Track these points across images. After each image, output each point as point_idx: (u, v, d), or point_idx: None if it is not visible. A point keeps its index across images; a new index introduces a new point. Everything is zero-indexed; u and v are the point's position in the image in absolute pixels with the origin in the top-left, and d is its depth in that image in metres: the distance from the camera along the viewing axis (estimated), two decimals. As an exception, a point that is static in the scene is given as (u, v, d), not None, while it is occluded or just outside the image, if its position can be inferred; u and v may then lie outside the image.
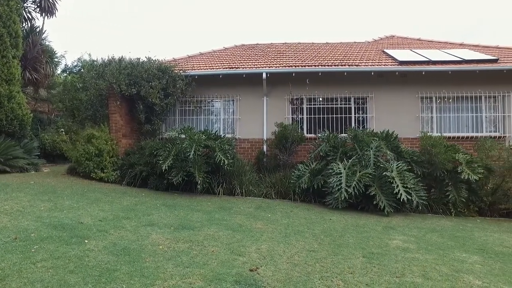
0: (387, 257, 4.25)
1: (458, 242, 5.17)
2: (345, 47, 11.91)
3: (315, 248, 4.46)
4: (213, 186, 7.79)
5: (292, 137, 8.51)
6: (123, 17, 50.49)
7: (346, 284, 3.41)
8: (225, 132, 9.74)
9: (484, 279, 3.73)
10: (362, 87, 9.39)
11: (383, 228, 5.74)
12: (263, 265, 3.76)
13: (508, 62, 9.23)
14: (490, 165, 7.57)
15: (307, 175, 7.48)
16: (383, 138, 7.75)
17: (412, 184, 6.78)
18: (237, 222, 5.52)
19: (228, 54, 11.44)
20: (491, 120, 9.45)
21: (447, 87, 9.27)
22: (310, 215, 6.37)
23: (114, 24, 49.02)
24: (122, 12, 49.55)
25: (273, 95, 9.57)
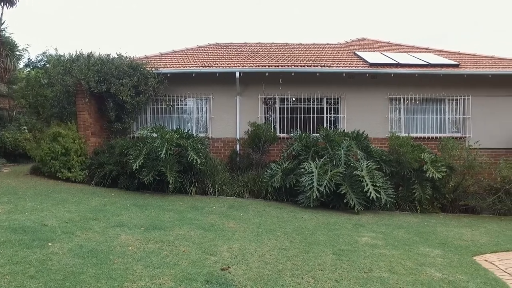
0: (356, 253, 4.36)
1: (422, 237, 5.40)
2: (318, 48, 12.11)
3: (287, 246, 4.51)
4: (185, 185, 7.70)
5: (265, 136, 8.56)
6: (93, 12, 48.86)
7: (316, 281, 3.48)
8: (198, 131, 9.65)
9: (444, 271, 3.92)
10: (334, 88, 9.58)
11: (353, 225, 5.89)
12: (235, 264, 3.76)
13: (468, 67, 9.73)
14: (452, 164, 7.96)
15: (280, 174, 7.55)
16: (353, 138, 7.96)
17: (381, 182, 7.01)
18: (209, 221, 5.49)
19: (202, 53, 11.34)
20: (453, 122, 9.93)
21: (414, 89, 9.63)
22: (282, 214, 6.44)
23: (82, 18, 47.31)
24: (92, 6, 47.95)
25: (246, 94, 9.58)
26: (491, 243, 5.27)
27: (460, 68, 9.59)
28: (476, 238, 5.54)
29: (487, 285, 3.61)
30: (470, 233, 5.82)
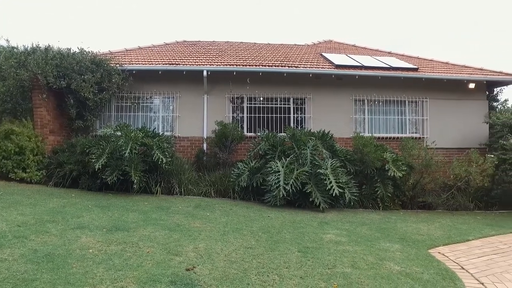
0: (321, 250, 4.46)
1: (383, 233, 5.62)
2: (285, 49, 12.26)
3: (253, 245, 4.53)
4: (151, 185, 7.51)
5: (232, 135, 8.54)
6: (52, 5, 46.33)
7: (282, 278, 3.52)
8: (164, 130, 9.46)
9: (402, 264, 4.11)
10: (301, 88, 9.74)
11: (318, 223, 6.02)
12: (200, 264, 3.72)
13: (426, 71, 10.26)
14: (411, 163, 8.35)
15: (247, 173, 7.57)
16: (319, 137, 8.13)
17: (344, 180, 7.21)
18: (175, 221, 5.39)
19: (169, 50, 11.12)
20: (413, 123, 10.43)
21: (377, 91, 10.01)
22: (249, 213, 6.46)
23: (39, 9, 44.77)
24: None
25: (213, 93, 9.51)
26: (444, 237, 5.60)
27: (419, 72, 10.08)
28: (431, 232, 5.85)
29: (439, 275, 3.83)
30: (426, 228, 6.14)
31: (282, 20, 51.47)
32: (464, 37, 47.50)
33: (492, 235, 5.88)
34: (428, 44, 46.76)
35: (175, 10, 49.50)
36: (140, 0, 46.28)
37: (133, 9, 47.67)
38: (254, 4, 49.44)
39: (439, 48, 46.05)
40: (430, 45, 46.53)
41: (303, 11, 49.58)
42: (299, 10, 49.36)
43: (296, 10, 49.49)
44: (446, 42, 47.39)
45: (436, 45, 46.76)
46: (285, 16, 51.27)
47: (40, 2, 43.32)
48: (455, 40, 47.73)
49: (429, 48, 45.72)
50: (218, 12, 50.79)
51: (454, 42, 47.38)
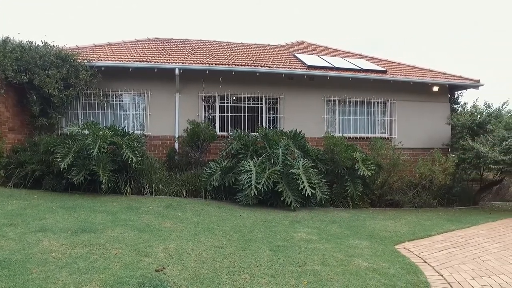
0: (291, 249, 4.51)
1: (353, 231, 5.76)
2: (258, 49, 12.29)
3: (224, 244, 4.51)
4: (120, 185, 7.31)
5: (204, 134, 8.46)
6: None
7: (252, 277, 3.52)
8: (134, 128, 9.22)
9: (370, 260, 4.23)
10: (273, 88, 9.81)
11: (290, 222, 6.08)
12: (170, 265, 3.66)
13: (394, 74, 10.63)
14: (380, 162, 8.63)
15: (219, 172, 7.53)
16: (291, 137, 8.22)
17: (316, 180, 7.33)
18: (145, 222, 5.27)
19: (140, 47, 10.85)
20: (382, 123, 10.77)
21: (348, 92, 10.25)
22: (221, 212, 6.42)
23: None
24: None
25: (186, 91, 9.38)
26: (409, 233, 5.82)
27: (387, 75, 10.42)
28: (397, 229, 6.07)
29: (403, 269, 3.98)
30: (393, 225, 6.35)
31: (256, 21, 51.62)
32: (431, 41, 49.61)
33: (452, 230, 6.18)
34: (397, 47, 48.47)
35: (147, 7, 48.39)
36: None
37: (102, 4, 46.15)
38: (229, 3, 49.27)
39: (407, 52, 47.87)
40: (399, 49, 48.27)
41: (278, 12, 49.97)
42: (275, 11, 49.72)
43: (272, 11, 49.82)
44: (414, 46, 49.31)
45: (404, 49, 48.57)
46: (260, 17, 51.46)
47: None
48: (423, 43, 49.77)
49: (398, 52, 47.44)
50: (192, 11, 50.19)
51: (421, 46, 49.39)
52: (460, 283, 3.71)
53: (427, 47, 48.41)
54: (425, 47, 48.54)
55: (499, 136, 8.42)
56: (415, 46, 48.91)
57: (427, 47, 48.39)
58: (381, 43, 49.15)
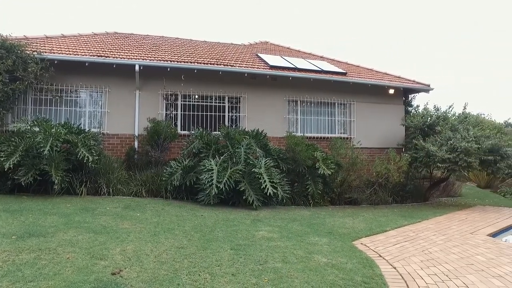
0: (253, 247, 4.53)
1: (313, 228, 5.90)
2: (222, 48, 12.22)
3: (185, 244, 4.44)
4: (75, 185, 6.95)
5: (165, 133, 8.26)
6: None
7: (213, 277, 3.49)
8: (91, 126, 8.79)
9: (329, 256, 4.36)
10: (236, 87, 9.79)
11: (251, 221, 6.11)
12: (128, 267, 3.54)
13: (353, 76, 11.02)
14: (339, 161, 8.90)
15: (180, 172, 7.39)
16: (253, 136, 8.25)
17: (278, 179, 7.41)
18: (101, 223, 5.05)
19: (98, 41, 10.37)
20: (341, 124, 11.13)
21: (309, 92, 10.48)
22: (182, 212, 6.31)
23: None
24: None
25: (146, 89, 9.11)
26: (366, 229, 6.07)
27: (347, 77, 10.78)
28: (355, 225, 6.30)
29: (360, 264, 4.14)
30: (351, 222, 6.59)
31: (221, 20, 51.27)
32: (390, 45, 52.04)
33: (405, 225, 6.53)
34: (357, 51, 50.35)
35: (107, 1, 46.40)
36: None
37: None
38: (195, 2, 48.50)
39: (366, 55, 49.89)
40: (359, 53, 50.17)
41: (243, 12, 49.94)
42: (240, 11, 49.63)
43: (237, 11, 49.70)
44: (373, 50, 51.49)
45: (364, 52, 50.55)
46: (226, 16, 51.17)
47: None
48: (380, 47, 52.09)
49: (357, 55, 49.30)
50: (157, 8, 48.83)
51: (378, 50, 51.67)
52: (410, 273, 3.93)
53: (387, 51, 50.74)
54: (384, 50, 50.86)
55: (446, 137, 9.01)
56: (374, 50, 51.13)
57: (387, 51, 50.74)
58: (342, 47, 50.79)
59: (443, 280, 3.75)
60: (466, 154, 8.41)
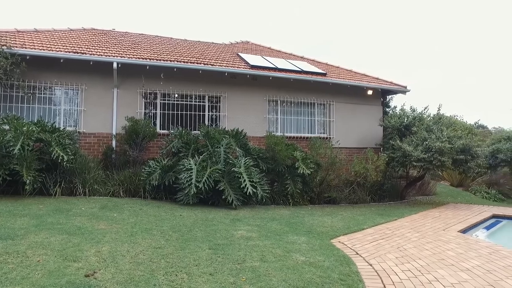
0: (231, 246, 4.51)
1: (292, 227, 5.94)
2: (202, 46, 12.13)
3: (162, 244, 4.38)
4: (49, 186, 6.73)
5: (143, 132, 8.12)
6: None
7: (190, 277, 3.46)
8: (67, 124, 8.53)
9: (307, 255, 4.39)
10: (216, 87, 9.74)
11: (230, 220, 6.09)
12: (103, 268, 3.45)
13: (333, 77, 11.17)
14: (319, 161, 9.00)
15: (158, 171, 7.29)
16: (233, 136, 8.24)
17: (257, 178, 7.42)
18: (76, 224, 4.92)
19: (74, 37, 10.07)
20: (321, 124, 11.26)
21: (289, 92, 10.55)
22: (160, 212, 6.23)
23: None
24: None
25: (124, 87, 8.93)
26: (344, 227, 6.16)
27: (327, 77, 10.91)
28: (334, 224, 6.39)
29: (337, 262, 4.20)
30: (330, 221, 6.67)
31: (203, 19, 50.89)
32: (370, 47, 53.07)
33: (382, 223, 6.67)
34: (339, 51, 51.07)
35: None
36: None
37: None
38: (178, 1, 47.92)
39: (348, 55, 50.69)
40: (341, 53, 50.91)
41: (226, 13, 49.75)
42: (223, 10, 49.41)
43: (220, 10, 49.45)
44: (355, 50, 52.39)
45: (346, 53, 51.33)
46: (208, 15, 50.83)
47: None
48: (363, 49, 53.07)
49: (338, 56, 50.05)
50: (138, 5, 47.95)
51: (361, 51, 52.63)
52: (385, 270, 4.02)
53: (369, 52, 51.78)
54: (367, 52, 51.89)
55: (421, 137, 9.27)
56: (358, 51, 52.07)
57: (370, 52, 51.78)
58: (323, 48, 51.44)
59: (415, 275, 3.86)
60: (440, 154, 8.68)
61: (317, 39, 51.36)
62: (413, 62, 54.66)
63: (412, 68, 56.94)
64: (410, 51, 53.63)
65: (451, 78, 51.33)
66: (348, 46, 53.75)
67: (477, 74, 47.94)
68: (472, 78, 47.88)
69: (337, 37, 53.43)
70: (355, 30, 54.70)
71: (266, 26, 51.46)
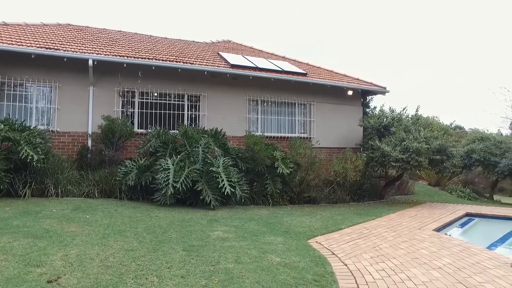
0: (206, 248, 4.43)
1: (270, 227, 5.89)
2: (182, 45, 11.96)
3: (135, 247, 4.25)
4: (17, 187, 6.46)
5: (120, 131, 7.91)
6: None
7: (161, 280, 3.36)
8: (39, 123, 8.23)
9: (282, 255, 4.35)
10: (196, 86, 9.61)
11: (208, 221, 5.99)
12: (68, 273, 3.31)
13: (314, 77, 11.21)
14: (298, 161, 8.99)
15: (135, 171, 7.12)
16: (212, 135, 8.13)
17: (236, 178, 7.34)
18: (44, 227, 4.72)
19: (47, 32, 9.73)
20: (302, 123, 11.28)
21: (270, 92, 10.51)
22: (136, 213, 6.07)
23: None
24: None
25: (101, 85, 8.68)
26: (322, 227, 6.16)
27: (307, 77, 10.94)
28: (312, 224, 6.38)
29: (313, 262, 4.17)
30: (308, 221, 6.66)
31: (188, 18, 50.39)
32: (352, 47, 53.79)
33: (360, 223, 6.71)
34: (322, 51, 51.59)
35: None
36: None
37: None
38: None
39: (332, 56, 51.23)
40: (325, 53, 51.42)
41: (209, 12, 49.42)
42: (205, 10, 49.07)
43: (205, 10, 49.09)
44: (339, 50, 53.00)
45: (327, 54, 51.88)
46: (192, 14, 50.35)
47: None
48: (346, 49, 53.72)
49: (322, 57, 50.54)
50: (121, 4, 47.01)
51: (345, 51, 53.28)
52: (360, 270, 4.02)
53: (357, 53, 52.51)
54: (355, 53, 52.62)
55: (400, 137, 9.41)
56: (346, 52, 52.72)
57: (358, 53, 52.51)
58: (306, 48, 51.81)
59: (389, 275, 3.87)
60: (417, 154, 8.83)
61: (308, 39, 51.80)
62: (407, 62, 56.05)
63: (406, 67, 58.18)
64: (409, 51, 54.87)
65: (440, 78, 52.70)
66: (339, 46, 54.44)
67: (467, 75, 49.37)
68: (462, 79, 49.32)
69: (328, 37, 54.02)
70: (347, 31, 55.49)
71: (255, 25, 51.51)
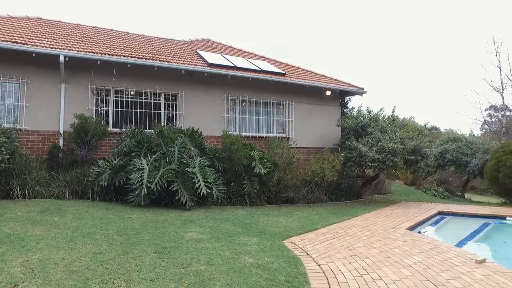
0: (178, 249, 4.34)
1: (245, 228, 5.84)
2: (160, 42, 11.74)
3: (104, 249, 4.11)
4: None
5: (93, 130, 7.68)
6: None
7: (129, 284, 3.26)
8: (4, 121, 7.87)
9: (256, 256, 4.31)
10: (173, 84, 9.44)
11: (182, 222, 5.88)
12: (27, 280, 3.16)
13: (292, 77, 11.24)
14: (276, 160, 8.99)
15: (108, 171, 6.92)
16: (188, 135, 8.01)
17: (212, 179, 7.26)
18: (6, 231, 4.50)
19: (15, 25, 9.32)
20: (280, 123, 11.29)
21: (248, 92, 10.47)
22: (108, 214, 5.89)
23: None
24: None
25: (73, 82, 8.40)
26: (298, 227, 6.15)
27: (286, 77, 10.95)
28: (288, 224, 6.36)
29: (286, 263, 4.15)
30: (285, 221, 6.65)
31: (168, 16, 49.67)
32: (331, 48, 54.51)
33: (336, 223, 6.76)
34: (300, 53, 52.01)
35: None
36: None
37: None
38: None
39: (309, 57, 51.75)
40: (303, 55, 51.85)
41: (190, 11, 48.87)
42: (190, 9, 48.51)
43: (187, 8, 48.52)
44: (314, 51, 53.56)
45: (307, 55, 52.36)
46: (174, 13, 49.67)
47: None
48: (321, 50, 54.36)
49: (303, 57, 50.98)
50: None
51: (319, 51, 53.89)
52: (332, 270, 4.02)
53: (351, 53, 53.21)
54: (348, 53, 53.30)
55: (376, 138, 9.56)
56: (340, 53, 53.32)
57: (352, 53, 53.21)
58: (287, 48, 52.14)
59: (361, 275, 3.89)
60: (393, 154, 8.99)
61: (289, 39, 52.23)
62: (388, 63, 57.46)
63: (385, 68, 59.47)
64: (390, 52, 56.18)
65: (418, 79, 54.15)
66: (324, 47, 55.22)
67: (444, 76, 50.96)
68: (439, 80, 50.82)
69: (327, 38, 54.72)
70: (342, 31, 56.32)
71: (238, 25, 51.39)
